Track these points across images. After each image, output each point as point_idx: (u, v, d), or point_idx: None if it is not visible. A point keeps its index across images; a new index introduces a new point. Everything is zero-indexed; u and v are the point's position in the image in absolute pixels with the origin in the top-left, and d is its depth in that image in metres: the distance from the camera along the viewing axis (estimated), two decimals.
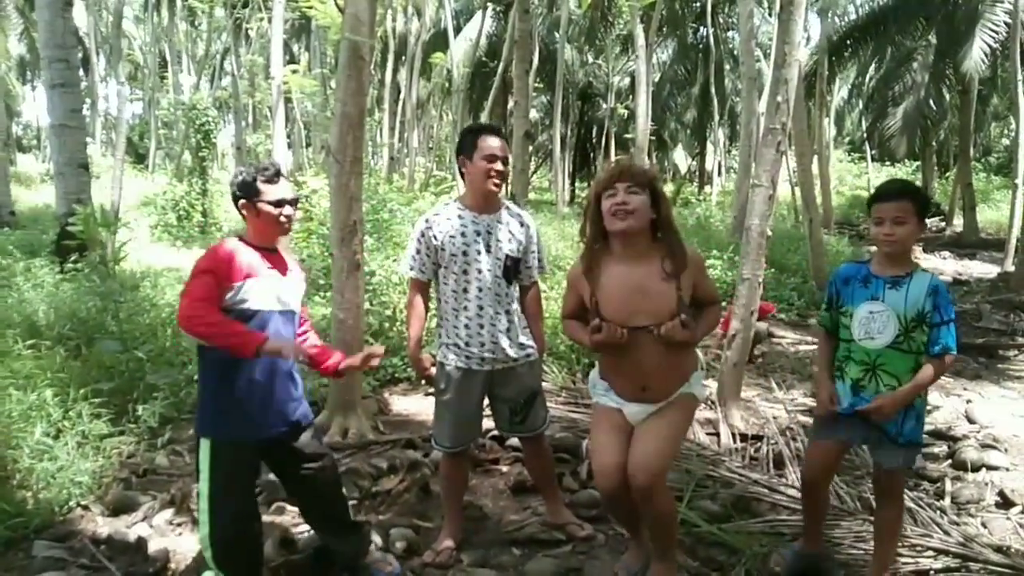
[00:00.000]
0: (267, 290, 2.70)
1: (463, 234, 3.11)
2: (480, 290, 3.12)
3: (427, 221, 3.18)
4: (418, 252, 3.17)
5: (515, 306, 3.23)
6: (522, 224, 3.25)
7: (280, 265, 2.81)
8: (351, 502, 3.56)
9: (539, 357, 3.33)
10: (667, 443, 2.72)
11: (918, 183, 26.37)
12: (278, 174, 2.77)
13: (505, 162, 3.13)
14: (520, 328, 3.22)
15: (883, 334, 2.73)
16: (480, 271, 3.11)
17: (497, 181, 3.12)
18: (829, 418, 2.90)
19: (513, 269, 3.19)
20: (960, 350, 2.88)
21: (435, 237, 3.12)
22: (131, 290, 6.10)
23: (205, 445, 2.68)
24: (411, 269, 3.21)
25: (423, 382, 5.62)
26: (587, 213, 2.81)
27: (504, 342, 3.15)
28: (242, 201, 2.74)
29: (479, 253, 3.11)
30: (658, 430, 2.72)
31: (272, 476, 3.30)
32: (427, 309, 3.29)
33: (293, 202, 2.79)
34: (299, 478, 2.91)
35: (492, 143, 3.09)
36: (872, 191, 2.92)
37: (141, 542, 3.24)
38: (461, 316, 3.13)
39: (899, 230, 2.70)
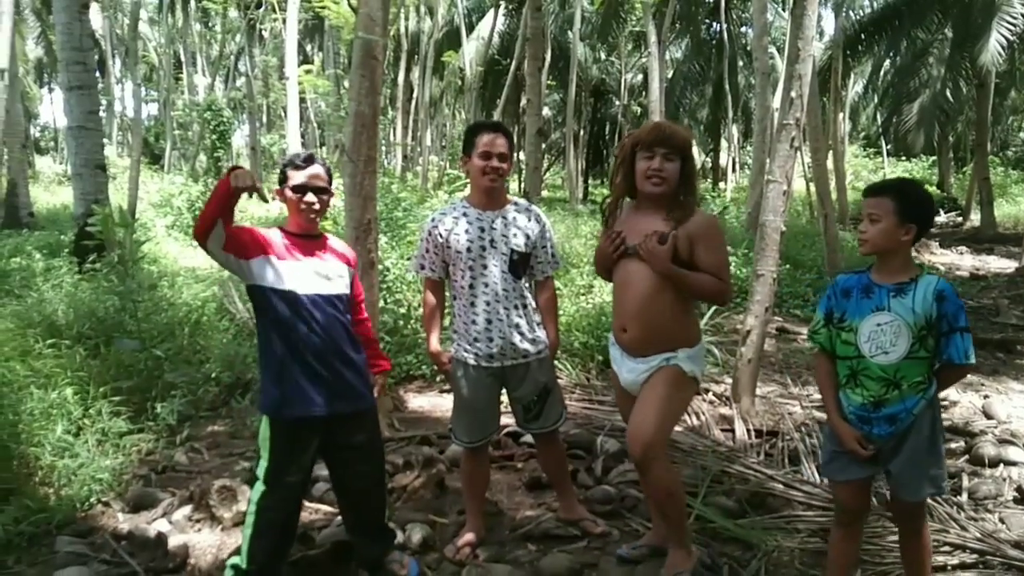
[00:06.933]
0: (297, 271, 2.75)
1: (467, 231, 3.13)
2: (487, 286, 3.13)
3: (433, 220, 3.23)
4: (427, 251, 3.21)
5: (527, 301, 3.23)
6: (530, 219, 3.25)
7: (318, 252, 2.84)
8: None
9: (551, 353, 3.33)
10: (656, 414, 2.78)
11: (935, 178, 26.27)
12: (307, 160, 2.81)
13: (502, 158, 3.11)
14: (533, 323, 3.23)
15: (896, 347, 2.49)
16: (486, 267, 3.13)
17: (493, 177, 3.11)
18: (843, 453, 2.64)
19: (521, 264, 3.19)
20: (978, 347, 2.73)
21: (441, 235, 3.16)
22: (149, 289, 6.15)
23: (264, 425, 2.79)
24: (422, 268, 3.25)
25: (438, 378, 5.66)
26: (619, 166, 2.93)
27: (515, 337, 3.16)
28: (277, 188, 2.84)
29: (483, 249, 3.12)
30: (646, 400, 2.82)
31: None
32: (442, 306, 3.33)
33: (317, 189, 2.79)
34: (343, 467, 2.95)
35: (487, 140, 3.09)
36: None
37: (161, 538, 3.28)
38: (470, 312, 3.16)
39: (871, 228, 2.52)
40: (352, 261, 3.01)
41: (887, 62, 22.60)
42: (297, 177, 2.77)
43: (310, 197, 2.78)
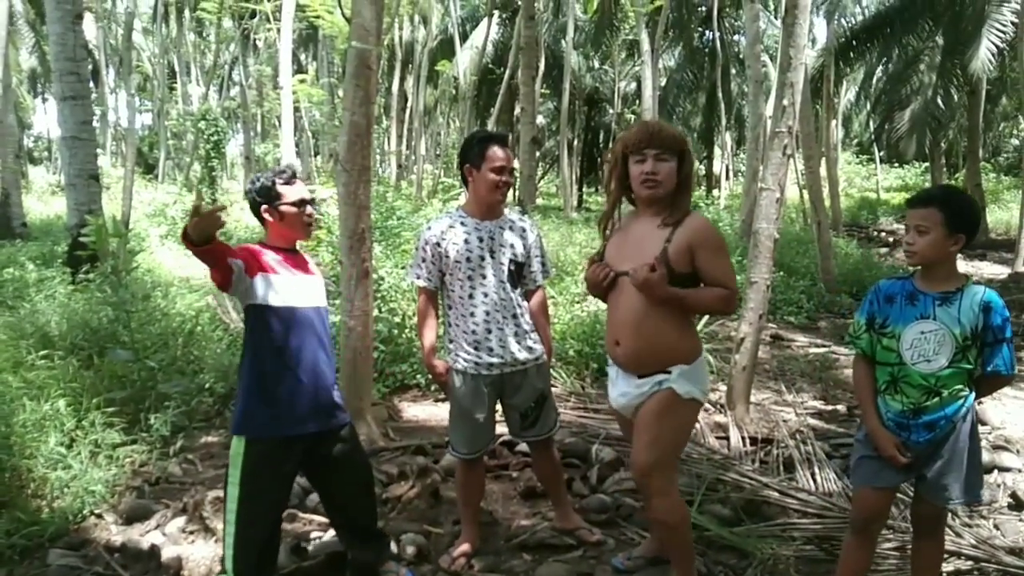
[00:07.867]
0: (292, 286, 2.75)
1: (466, 241, 3.13)
2: (486, 295, 3.13)
3: (430, 229, 3.20)
4: (423, 260, 3.19)
5: (524, 309, 3.24)
6: (524, 229, 3.28)
7: (302, 265, 2.87)
8: None
9: (547, 359, 3.35)
10: (652, 440, 2.68)
11: (927, 184, 26.38)
12: (295, 176, 2.84)
13: (511, 172, 3.16)
14: (529, 331, 3.24)
15: (939, 355, 2.47)
16: (485, 276, 3.13)
17: (504, 192, 3.16)
18: (876, 459, 2.62)
19: (518, 274, 3.22)
20: None
21: (439, 244, 3.14)
22: (142, 300, 6.14)
23: (237, 443, 2.70)
24: (418, 278, 3.22)
25: (433, 387, 5.64)
26: (612, 171, 2.85)
27: (513, 346, 3.16)
28: (264, 206, 2.78)
29: (482, 259, 3.13)
30: (641, 430, 2.74)
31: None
32: (437, 316, 3.31)
33: (313, 202, 2.85)
34: (328, 479, 2.93)
35: (500, 154, 3.10)
36: (878, 193, 2.83)
37: (155, 550, 3.27)
38: (469, 322, 3.15)
39: (919, 240, 2.48)
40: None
41: (879, 69, 22.69)
42: (294, 193, 2.79)
43: (310, 209, 2.83)
